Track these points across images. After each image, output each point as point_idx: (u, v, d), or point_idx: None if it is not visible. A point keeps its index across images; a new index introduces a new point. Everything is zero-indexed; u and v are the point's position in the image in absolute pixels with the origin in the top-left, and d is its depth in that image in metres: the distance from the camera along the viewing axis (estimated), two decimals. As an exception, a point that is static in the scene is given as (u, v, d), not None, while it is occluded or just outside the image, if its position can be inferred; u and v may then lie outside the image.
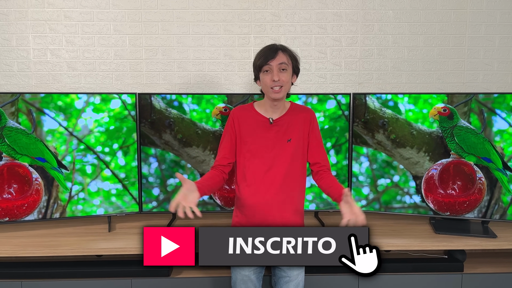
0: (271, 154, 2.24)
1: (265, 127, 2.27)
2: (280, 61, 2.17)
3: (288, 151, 2.23)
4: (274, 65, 2.16)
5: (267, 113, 2.29)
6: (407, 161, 2.92)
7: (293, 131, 2.26)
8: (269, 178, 2.24)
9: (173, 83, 3.19)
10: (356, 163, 3.00)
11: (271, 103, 2.25)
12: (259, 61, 2.19)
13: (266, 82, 2.18)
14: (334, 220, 3.06)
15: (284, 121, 2.28)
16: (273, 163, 2.24)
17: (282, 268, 2.30)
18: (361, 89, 3.25)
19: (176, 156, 2.95)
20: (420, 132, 2.87)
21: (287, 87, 2.22)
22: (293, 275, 2.29)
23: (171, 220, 3.02)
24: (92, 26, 3.11)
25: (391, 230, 2.91)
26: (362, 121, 2.94)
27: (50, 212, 2.82)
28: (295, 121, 2.28)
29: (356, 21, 3.19)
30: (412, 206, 2.95)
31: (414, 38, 3.22)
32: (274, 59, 2.16)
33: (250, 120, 2.28)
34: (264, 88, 2.23)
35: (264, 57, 2.17)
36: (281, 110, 2.29)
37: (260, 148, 2.25)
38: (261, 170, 2.24)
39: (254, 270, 2.30)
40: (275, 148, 2.24)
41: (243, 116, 2.30)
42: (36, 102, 2.74)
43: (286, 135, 2.26)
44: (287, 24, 3.18)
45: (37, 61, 3.11)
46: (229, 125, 2.31)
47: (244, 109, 2.34)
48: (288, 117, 2.29)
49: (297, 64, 2.28)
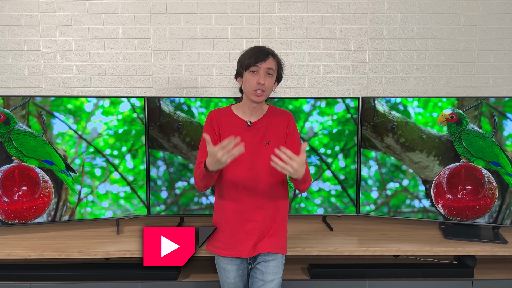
0: (249, 157, 2.20)
1: (243, 129, 2.25)
2: (269, 65, 2.17)
3: (266, 154, 2.14)
4: (263, 68, 2.15)
5: (245, 115, 2.28)
6: (416, 165, 2.91)
7: (271, 134, 2.25)
8: (248, 181, 2.22)
9: (181, 87, 3.23)
10: (365, 167, 2.99)
11: (250, 105, 2.24)
12: (248, 60, 2.17)
13: (251, 83, 2.16)
14: (343, 224, 3.07)
15: (262, 124, 2.26)
16: (252, 166, 2.22)
17: (257, 272, 2.29)
18: (369, 93, 3.25)
19: (185, 159, 2.97)
20: (430, 136, 2.87)
21: (268, 92, 2.21)
22: (268, 280, 2.26)
23: (179, 223, 3.04)
24: (102, 30, 3.16)
25: (400, 235, 2.91)
26: (371, 124, 2.94)
27: (59, 214, 2.86)
28: (273, 124, 2.27)
29: (365, 24, 3.21)
30: (421, 211, 2.94)
31: (423, 42, 3.22)
32: (264, 62, 2.16)
33: (229, 122, 2.26)
34: (246, 88, 2.20)
35: (254, 57, 2.16)
36: (259, 113, 2.28)
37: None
38: (240, 173, 2.22)
39: (240, 276, 2.31)
40: (254, 151, 2.22)
41: (222, 118, 2.28)
42: (46, 105, 2.79)
43: (264, 138, 2.24)
44: (295, 28, 3.19)
45: (48, 65, 3.17)
46: (208, 127, 2.28)
47: (222, 111, 2.32)
48: (266, 119, 2.28)
49: (282, 72, 2.28)
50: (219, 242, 2.28)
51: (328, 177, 3.00)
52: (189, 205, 3.02)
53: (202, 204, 3.02)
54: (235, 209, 2.24)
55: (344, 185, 3.02)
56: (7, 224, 2.80)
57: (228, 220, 2.24)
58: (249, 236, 2.23)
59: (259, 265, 2.28)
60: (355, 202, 3.03)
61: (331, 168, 3.01)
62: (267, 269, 2.25)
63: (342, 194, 3.02)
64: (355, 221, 3.14)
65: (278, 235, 2.29)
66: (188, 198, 3.01)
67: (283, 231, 2.32)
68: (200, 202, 3.02)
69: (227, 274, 2.29)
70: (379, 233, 2.93)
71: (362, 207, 3.03)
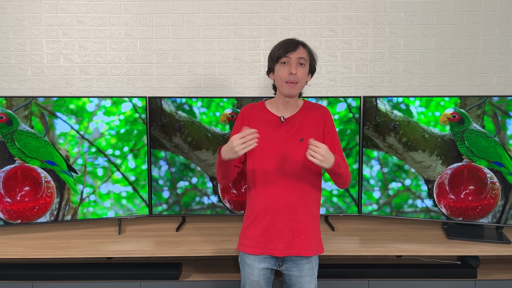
0: (281, 155, 2.16)
1: (275, 125, 2.19)
2: (300, 55, 2.12)
3: (300, 151, 2.12)
4: (293, 58, 2.10)
5: (279, 111, 2.22)
6: (419, 165, 2.91)
7: (305, 130, 2.18)
8: (279, 179, 2.17)
9: (183, 87, 3.24)
10: (367, 167, 2.99)
11: (283, 100, 2.19)
12: (277, 52, 2.13)
13: (282, 75, 2.12)
14: (345, 224, 3.08)
15: (296, 119, 2.20)
16: (283, 164, 2.16)
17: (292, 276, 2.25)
18: (372, 92, 3.24)
19: (186, 159, 2.99)
20: (432, 136, 2.86)
21: (302, 83, 2.16)
22: (305, 281, 2.24)
23: (181, 223, 3.07)
24: (104, 31, 3.18)
25: (402, 235, 2.90)
26: (373, 124, 2.94)
27: (61, 214, 2.89)
28: (308, 120, 2.20)
29: (367, 23, 3.20)
30: (424, 211, 2.94)
31: (426, 41, 3.21)
32: (294, 51, 2.11)
33: (261, 118, 2.21)
34: (278, 81, 2.16)
35: (284, 48, 2.12)
36: (293, 108, 2.22)
37: (270, 148, 2.16)
38: (271, 171, 2.17)
39: (264, 275, 2.25)
40: (286, 148, 2.16)
41: (253, 114, 2.23)
42: (48, 106, 2.82)
43: (298, 134, 2.17)
44: (297, 27, 3.20)
45: (51, 66, 3.20)
46: (239, 123, 2.24)
47: (254, 107, 2.28)
48: (300, 115, 2.21)
49: (315, 63, 2.22)
50: (249, 240, 2.23)
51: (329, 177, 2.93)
52: (190, 205, 3.04)
53: (203, 204, 3.04)
54: (266, 207, 2.19)
55: None
56: (10, 224, 2.83)
57: (259, 218, 2.20)
58: (281, 234, 2.18)
59: (294, 269, 2.23)
60: (357, 202, 3.03)
61: None
62: (302, 272, 2.22)
63: (344, 194, 3.03)
64: (357, 221, 3.14)
65: (311, 236, 2.22)
66: (190, 197, 3.03)
67: (316, 231, 2.27)
68: (202, 201, 3.03)
69: (251, 271, 2.24)
70: (381, 233, 2.93)
71: (364, 207, 3.03)
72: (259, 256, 2.22)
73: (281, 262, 2.24)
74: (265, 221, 2.19)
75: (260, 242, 2.20)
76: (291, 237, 2.18)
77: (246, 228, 2.26)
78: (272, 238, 2.18)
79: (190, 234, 2.92)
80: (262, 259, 2.23)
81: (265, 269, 2.25)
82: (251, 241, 2.23)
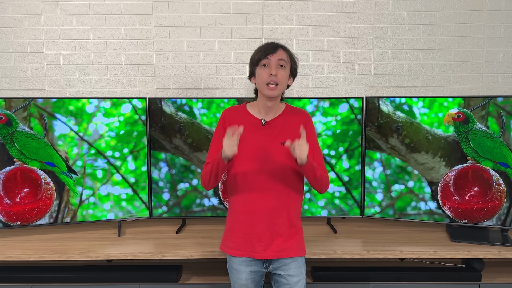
0: (262, 158, 2.18)
1: (257, 128, 2.21)
2: (279, 57, 2.14)
3: (281, 155, 2.16)
4: (273, 60, 2.12)
5: (260, 114, 2.24)
6: (422, 166, 2.90)
7: (287, 134, 2.18)
8: (260, 183, 2.19)
9: (184, 88, 3.23)
10: (369, 168, 2.99)
11: (264, 102, 2.20)
12: (257, 54, 2.15)
13: (262, 77, 2.13)
14: (347, 227, 3.06)
15: (277, 123, 2.22)
16: (264, 167, 2.18)
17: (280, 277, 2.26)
18: (375, 92, 3.23)
19: (186, 161, 2.98)
20: (436, 137, 2.85)
21: (283, 86, 2.17)
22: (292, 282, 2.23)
23: (181, 226, 3.06)
24: (104, 32, 3.18)
25: (406, 237, 2.89)
26: (376, 125, 2.93)
27: (61, 216, 2.89)
28: (289, 124, 2.22)
29: (370, 23, 3.19)
30: (427, 213, 2.93)
31: (430, 40, 3.20)
32: (274, 54, 2.13)
33: (242, 121, 2.19)
34: (259, 84, 2.17)
35: (263, 50, 2.14)
36: (275, 112, 2.23)
37: (251, 151, 2.18)
38: (251, 174, 2.19)
39: (252, 279, 2.26)
40: (267, 152, 2.18)
41: (235, 117, 2.24)
42: (48, 107, 2.82)
43: (280, 138, 2.19)
44: (298, 27, 3.19)
45: (51, 67, 3.20)
46: (220, 125, 2.26)
47: (236, 110, 2.29)
48: (282, 119, 2.23)
49: (296, 66, 2.24)
50: (231, 242, 2.26)
51: (332, 178, 2.97)
52: (191, 207, 3.03)
53: (204, 206, 3.03)
54: (246, 210, 2.21)
55: (348, 187, 3.01)
56: (9, 226, 2.83)
57: (240, 220, 2.22)
58: (261, 237, 2.19)
59: (280, 270, 2.24)
60: (360, 204, 3.02)
61: (335, 169, 3.00)
62: (289, 271, 2.22)
63: (346, 196, 3.02)
64: (359, 223, 3.13)
65: (293, 237, 2.24)
66: (190, 200, 3.02)
67: (298, 232, 2.27)
68: (202, 204, 3.03)
69: (239, 275, 2.25)
70: (384, 235, 2.92)
71: (367, 209, 3.02)
72: (245, 259, 2.23)
73: (268, 264, 2.25)
74: (245, 223, 2.21)
75: (241, 244, 2.23)
76: (270, 239, 2.19)
77: (229, 230, 2.29)
78: (252, 240, 2.21)
79: (191, 237, 2.91)
80: (248, 263, 2.24)
81: (253, 273, 2.25)
82: (233, 243, 2.25)
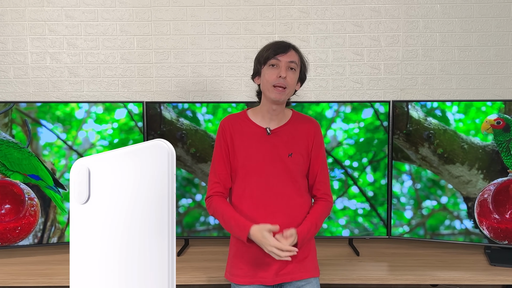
0: (269, 172, 2.09)
1: (261, 138, 2.12)
2: (290, 58, 2.06)
3: (289, 168, 2.08)
4: (283, 61, 2.05)
5: (264, 121, 2.15)
6: (456, 180, 2.79)
7: (295, 144, 2.12)
8: (266, 200, 2.09)
9: (186, 90, 3.15)
10: (397, 182, 2.89)
11: (269, 107, 2.11)
12: (266, 53, 2.08)
13: (270, 78, 2.04)
14: (372, 248, 2.96)
15: (284, 131, 2.13)
16: (272, 182, 2.09)
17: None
18: (403, 96, 3.15)
19: (189, 173, 2.89)
20: (472, 146, 2.74)
21: (290, 90, 2.09)
22: None
23: (183, 247, 2.94)
24: (96, 27, 3.09)
25: (438, 260, 2.77)
26: (404, 133, 2.83)
27: (46, 236, 2.79)
28: (297, 133, 2.14)
29: (398, 17, 3.09)
30: (463, 233, 2.82)
31: (466, 36, 3.10)
32: (284, 54, 2.05)
33: (243, 130, 2.14)
34: (264, 85, 2.08)
35: (273, 49, 2.07)
36: (280, 119, 2.15)
37: (256, 164, 2.10)
38: (257, 190, 2.10)
39: None
40: (274, 164, 2.09)
41: (235, 126, 2.15)
42: (32, 112, 2.72)
43: (287, 148, 2.11)
44: (317, 22, 3.09)
45: (35, 67, 3.10)
46: (221, 138, 2.16)
47: (235, 118, 2.19)
48: (289, 127, 2.15)
49: (305, 70, 2.18)
50: (238, 269, 2.16)
51: (354, 193, 2.90)
52: (194, 226, 2.94)
53: (209, 224, 2.93)
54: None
55: (373, 203, 2.92)
56: (-12, 247, 2.75)
57: (246, 244, 2.08)
58: (271, 260, 2.06)
59: None
60: (386, 223, 2.92)
61: (358, 183, 2.91)
62: None
63: (370, 213, 2.93)
64: (385, 244, 3.03)
65: (307, 257, 2.16)
66: (193, 217, 2.92)
67: (310, 251, 2.18)
68: (207, 222, 2.93)
69: None
70: (414, 258, 2.80)
71: (394, 228, 2.92)
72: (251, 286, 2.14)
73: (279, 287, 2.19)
74: (253, 247, 2.08)
75: (249, 271, 2.13)
76: (281, 262, 2.08)
77: (234, 256, 2.19)
78: (262, 265, 2.12)
79: (193, 260, 2.79)
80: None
81: None
82: (240, 270, 2.16)
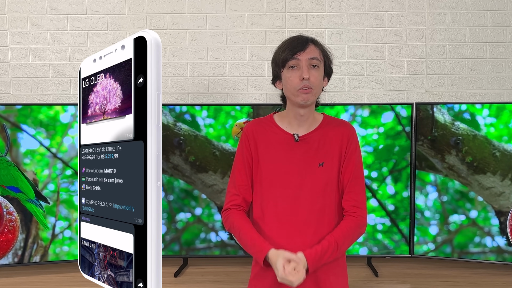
0: (297, 183, 1.97)
1: (289, 146, 2.00)
2: (311, 55, 1.92)
3: (320, 178, 1.96)
4: (304, 60, 1.91)
5: (291, 127, 2.02)
6: (487, 192, 2.72)
7: (326, 151, 1.99)
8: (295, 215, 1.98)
9: (186, 91, 3.09)
10: (420, 194, 2.81)
11: (296, 112, 1.99)
12: (283, 54, 1.95)
13: (292, 82, 1.92)
14: (393, 268, 2.88)
15: (314, 138, 2.00)
16: (300, 195, 1.97)
17: None
18: (428, 98, 3.09)
19: (188, 184, 2.81)
20: (505, 154, 2.68)
21: (318, 90, 1.96)
22: None
23: (181, 267, 2.85)
24: (84, 20, 3.04)
25: (467, 282, 2.68)
26: (429, 139, 2.77)
27: (28, 254, 2.70)
28: (329, 138, 2.01)
29: (422, 9, 3.03)
30: (494, 251, 2.75)
31: (498, 31, 3.03)
32: (303, 51, 1.92)
33: (269, 137, 2.03)
34: (288, 90, 1.96)
35: (290, 48, 1.94)
36: (309, 124, 2.02)
37: (282, 175, 1.98)
38: (283, 205, 1.98)
39: None
40: (303, 175, 1.97)
41: (260, 133, 2.05)
42: (11, 116, 2.66)
43: (317, 157, 1.99)
44: (332, 15, 3.03)
45: (16, 65, 3.05)
46: (243, 146, 2.06)
47: (261, 123, 2.08)
48: (319, 132, 2.02)
49: (330, 62, 2.04)
50: None
51: (373, 207, 2.82)
52: (194, 243, 2.84)
53: (210, 241, 2.84)
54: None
55: (394, 218, 2.83)
56: (-38, 267, 2.68)
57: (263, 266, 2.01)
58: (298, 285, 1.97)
59: None
60: (408, 240, 2.84)
61: (377, 195, 2.82)
62: None
63: (391, 229, 2.84)
64: (408, 264, 2.97)
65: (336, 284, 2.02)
66: (192, 234, 2.83)
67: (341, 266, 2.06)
68: (208, 239, 2.84)
69: None
70: (440, 280, 2.72)
71: (418, 246, 2.84)
72: None
73: None
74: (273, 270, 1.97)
75: None
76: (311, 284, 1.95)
77: (254, 278, 2.05)
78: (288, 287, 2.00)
79: (193, 281, 2.70)
80: None
81: None
82: None
